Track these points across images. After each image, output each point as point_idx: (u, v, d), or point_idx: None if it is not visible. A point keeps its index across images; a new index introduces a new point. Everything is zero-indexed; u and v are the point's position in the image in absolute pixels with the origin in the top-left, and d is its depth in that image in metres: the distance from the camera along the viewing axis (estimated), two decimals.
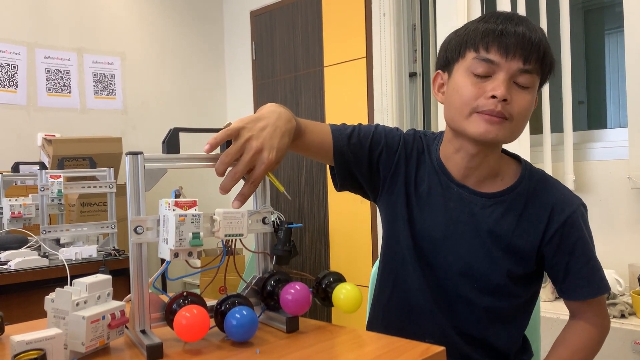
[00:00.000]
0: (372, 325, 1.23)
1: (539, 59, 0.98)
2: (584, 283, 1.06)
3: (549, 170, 2.34)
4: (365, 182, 1.15)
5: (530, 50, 0.96)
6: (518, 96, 0.98)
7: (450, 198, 1.09)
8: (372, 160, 1.13)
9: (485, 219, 1.07)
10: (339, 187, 1.16)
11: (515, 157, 1.15)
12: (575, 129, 2.42)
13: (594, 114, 2.70)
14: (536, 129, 2.47)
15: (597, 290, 1.07)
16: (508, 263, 1.06)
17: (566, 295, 1.09)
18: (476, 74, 0.98)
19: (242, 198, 0.88)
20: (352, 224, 3.26)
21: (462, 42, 1.01)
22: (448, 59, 1.06)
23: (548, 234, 1.05)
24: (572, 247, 1.05)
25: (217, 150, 0.91)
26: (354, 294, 0.91)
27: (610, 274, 2.07)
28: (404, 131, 1.17)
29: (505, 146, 1.13)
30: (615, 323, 1.84)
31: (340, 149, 1.10)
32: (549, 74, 1.03)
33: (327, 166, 1.18)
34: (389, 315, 1.18)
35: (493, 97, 0.96)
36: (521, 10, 2.45)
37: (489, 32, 0.97)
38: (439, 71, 1.09)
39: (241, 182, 0.90)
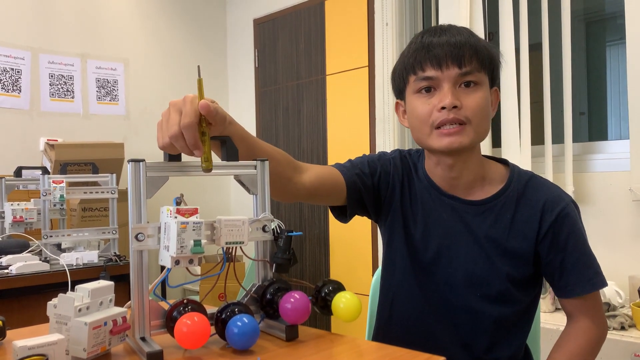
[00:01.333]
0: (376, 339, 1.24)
1: (473, 59, 1.01)
2: (577, 279, 1.06)
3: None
4: (372, 208, 1.18)
5: (460, 54, 1.00)
6: (467, 98, 1.01)
7: (444, 210, 1.11)
8: (374, 186, 1.16)
9: (480, 226, 1.09)
10: (349, 218, 1.19)
11: (503, 162, 1.16)
12: (576, 140, 2.43)
13: (595, 125, 2.70)
14: (537, 140, 2.47)
15: (591, 285, 1.06)
16: (507, 267, 1.07)
17: (561, 293, 1.09)
18: (421, 91, 1.04)
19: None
20: (353, 233, 3.26)
21: (402, 69, 1.07)
22: (399, 87, 1.11)
23: (541, 233, 1.07)
24: (564, 244, 1.06)
25: (217, 159, 0.91)
26: (353, 303, 0.91)
27: (610, 286, 2.07)
28: (389, 153, 1.21)
29: (506, 156, 1.14)
30: (615, 335, 1.84)
31: (351, 180, 1.13)
32: (494, 65, 1.05)
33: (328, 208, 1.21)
34: (390, 334, 1.20)
35: (443, 108, 1.00)
36: (523, 21, 2.46)
37: (417, 52, 1.03)
38: (397, 100, 1.15)
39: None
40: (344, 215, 1.18)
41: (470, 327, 1.10)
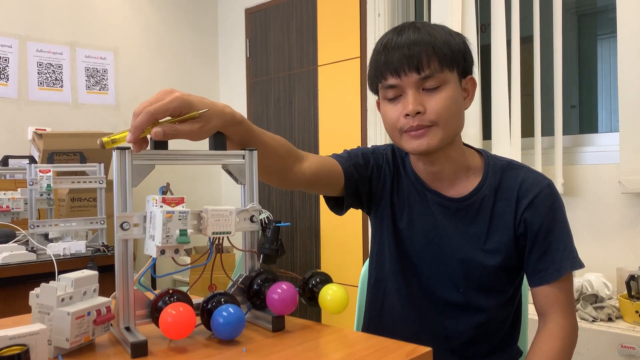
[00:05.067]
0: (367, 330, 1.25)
1: (431, 60, 0.99)
2: (551, 264, 1.05)
3: None
4: (365, 199, 1.19)
5: (416, 60, 0.99)
6: (431, 101, 1.00)
7: (428, 205, 1.12)
8: (368, 178, 1.17)
9: (461, 222, 1.10)
10: (344, 209, 1.19)
11: (479, 151, 1.16)
12: (566, 132, 2.43)
13: (585, 118, 2.71)
14: (528, 132, 2.48)
15: (567, 267, 1.05)
16: (490, 260, 1.08)
17: (535, 280, 1.07)
18: (389, 99, 1.04)
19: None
20: (344, 224, 3.26)
21: (372, 78, 1.08)
22: (374, 92, 1.12)
23: (517, 220, 1.07)
24: (538, 229, 1.06)
25: (207, 147, 0.90)
26: (340, 295, 0.90)
27: (598, 278, 2.09)
28: (382, 147, 1.22)
29: (496, 147, 1.14)
30: (602, 326, 1.85)
31: (348, 170, 1.13)
32: (460, 57, 1.03)
33: (322, 198, 1.21)
34: (380, 325, 1.21)
35: (408, 115, 1.01)
36: (515, 13, 2.46)
37: (378, 63, 1.03)
38: (377, 100, 1.15)
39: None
40: (339, 207, 1.18)
41: (452, 319, 1.11)
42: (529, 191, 1.07)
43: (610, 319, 1.90)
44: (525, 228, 1.06)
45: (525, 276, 1.14)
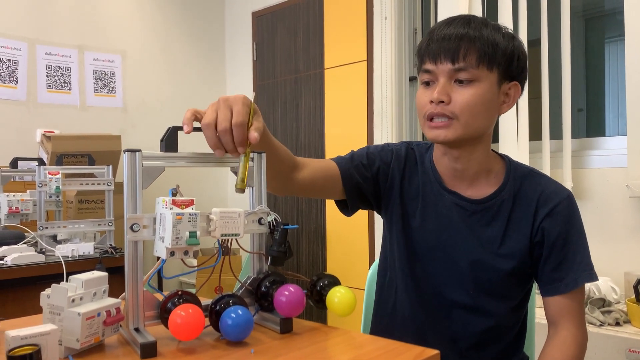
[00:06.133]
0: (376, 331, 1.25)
1: (469, 54, 1.00)
2: (566, 274, 1.05)
3: None
4: (373, 199, 1.19)
5: (455, 51, 1.00)
6: (457, 94, 1.01)
7: (443, 205, 1.12)
8: (373, 177, 1.16)
9: (477, 223, 1.09)
10: (351, 211, 1.19)
11: (501, 156, 1.16)
12: (574, 136, 2.43)
13: (593, 121, 2.71)
14: (535, 136, 2.47)
15: (576, 281, 1.05)
16: (504, 264, 1.07)
17: (547, 290, 1.07)
18: (423, 82, 1.06)
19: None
20: (350, 226, 3.26)
21: (417, 59, 1.10)
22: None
23: (535, 228, 1.07)
24: (555, 239, 1.06)
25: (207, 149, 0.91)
26: (347, 297, 0.91)
27: (605, 282, 2.08)
28: (395, 144, 1.21)
29: (503, 151, 1.14)
30: (610, 331, 1.84)
31: (347, 172, 1.13)
32: (504, 59, 1.03)
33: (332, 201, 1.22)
34: (389, 326, 1.20)
35: (432, 101, 1.02)
36: (522, 17, 2.46)
37: (421, 46, 1.06)
38: None
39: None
40: (347, 208, 1.18)
41: (460, 322, 1.10)
42: (549, 200, 1.07)
43: (618, 324, 1.89)
44: (543, 237, 1.06)
45: (535, 284, 1.14)
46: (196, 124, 0.85)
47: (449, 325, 1.11)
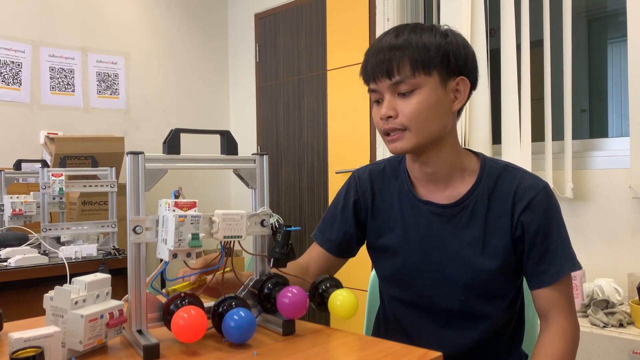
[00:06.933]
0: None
1: (402, 66, 1.01)
2: (549, 266, 1.05)
3: (549, 178, 2.34)
4: (363, 230, 1.24)
5: (388, 66, 1.02)
6: (403, 106, 1.03)
7: (421, 216, 1.13)
8: (353, 217, 1.22)
9: (456, 227, 1.10)
10: (355, 251, 1.28)
11: (476, 154, 1.16)
12: (576, 137, 2.42)
13: (595, 122, 2.70)
14: (538, 137, 2.47)
15: (565, 270, 1.05)
16: (487, 264, 1.07)
17: (535, 283, 1.08)
18: (374, 101, 1.09)
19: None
20: None
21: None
22: None
23: (514, 224, 1.07)
24: (535, 233, 1.06)
25: (218, 151, 0.91)
26: (350, 300, 0.91)
27: (609, 283, 2.07)
28: (358, 170, 1.25)
29: (506, 152, 1.14)
30: (613, 332, 1.84)
31: (333, 244, 1.22)
32: (439, 60, 1.02)
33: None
34: (388, 336, 1.23)
35: (381, 118, 1.05)
36: (524, 18, 2.45)
37: (362, 68, 1.09)
38: None
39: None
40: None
41: (456, 329, 1.11)
42: (525, 194, 1.07)
43: (621, 325, 1.88)
44: (523, 231, 1.06)
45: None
46: None
47: (445, 334, 1.12)
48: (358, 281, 3.10)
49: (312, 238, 1.26)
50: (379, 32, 3.09)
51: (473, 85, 1.09)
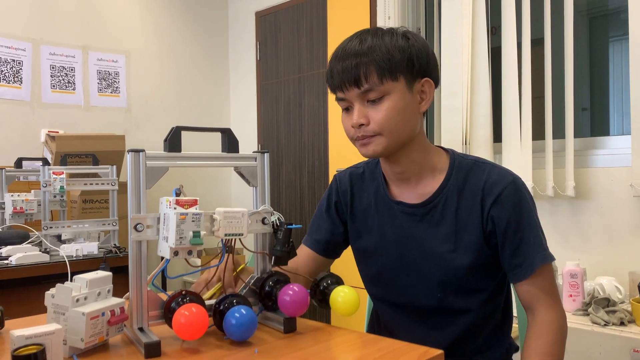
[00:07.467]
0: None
1: (370, 74, 1.01)
2: (525, 259, 1.05)
3: (549, 176, 2.34)
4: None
5: (356, 75, 1.02)
6: (373, 113, 1.04)
7: (395, 216, 1.14)
8: (342, 222, 1.24)
9: (428, 226, 1.11)
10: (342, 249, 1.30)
11: (447, 151, 1.16)
12: (578, 135, 2.42)
13: (597, 120, 2.70)
14: (538, 135, 2.47)
15: (539, 260, 1.05)
16: (460, 260, 1.08)
17: (514, 277, 1.08)
18: (343, 109, 1.09)
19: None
20: None
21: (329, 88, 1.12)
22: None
23: (484, 219, 1.07)
24: (506, 226, 1.05)
25: (219, 149, 0.91)
26: (351, 297, 0.91)
27: (610, 282, 2.07)
28: (338, 173, 1.28)
29: (506, 150, 1.14)
30: (614, 331, 1.84)
31: (323, 245, 1.24)
32: (405, 64, 1.03)
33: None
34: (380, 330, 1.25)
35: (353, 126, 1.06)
36: (525, 16, 2.45)
37: (327, 77, 1.09)
38: None
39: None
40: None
41: (438, 326, 1.13)
42: (494, 188, 1.06)
43: (622, 323, 1.88)
44: (494, 225, 1.06)
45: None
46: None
47: (427, 331, 1.14)
48: (359, 278, 3.11)
49: (303, 242, 1.27)
50: None
51: (436, 84, 1.10)
